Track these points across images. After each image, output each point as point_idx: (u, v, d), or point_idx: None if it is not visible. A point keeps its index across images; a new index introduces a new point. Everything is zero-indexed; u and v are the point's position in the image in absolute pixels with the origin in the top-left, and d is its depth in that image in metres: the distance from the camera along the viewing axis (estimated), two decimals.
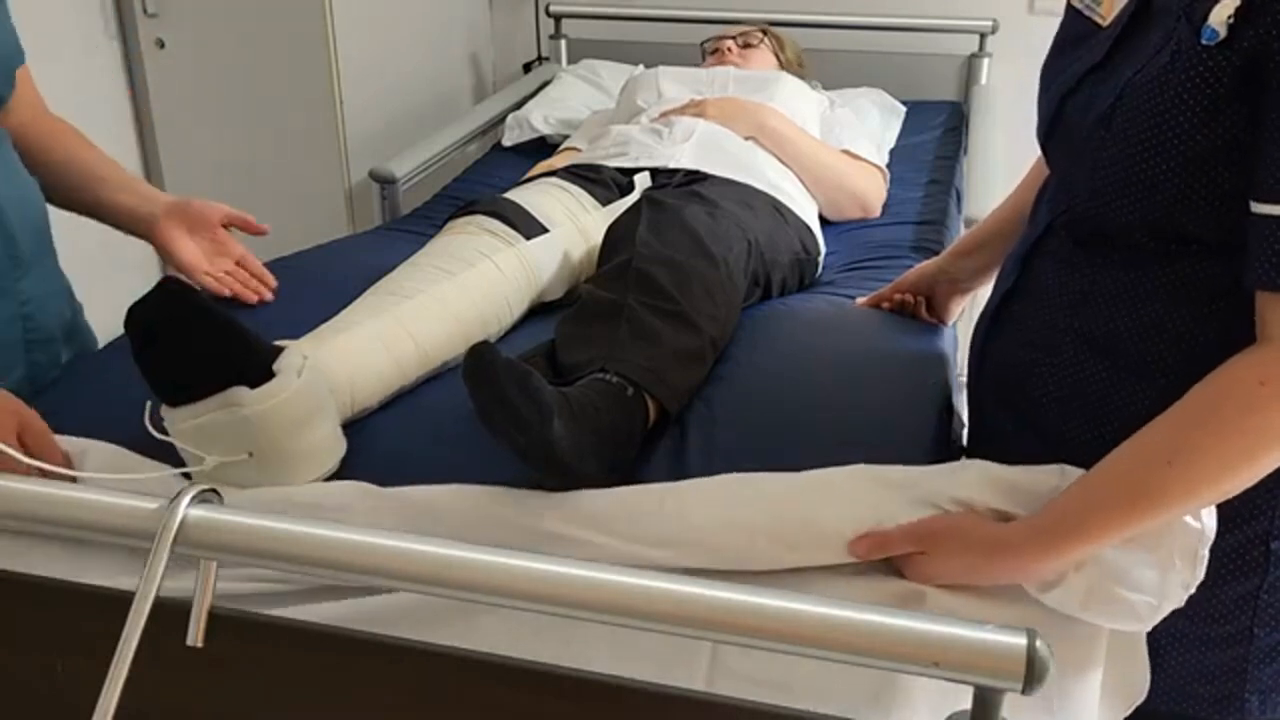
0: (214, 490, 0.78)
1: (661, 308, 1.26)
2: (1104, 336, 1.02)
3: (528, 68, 3.21)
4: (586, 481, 1.07)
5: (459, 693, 0.86)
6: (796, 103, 2.24)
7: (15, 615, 0.93)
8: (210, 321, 1.06)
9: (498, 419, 1.01)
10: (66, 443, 1.14)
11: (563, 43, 3.11)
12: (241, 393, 1.06)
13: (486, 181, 2.45)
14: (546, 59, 3.19)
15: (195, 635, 0.73)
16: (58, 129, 1.47)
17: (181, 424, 1.08)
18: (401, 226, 2.15)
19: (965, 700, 0.70)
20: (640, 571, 0.73)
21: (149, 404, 1.10)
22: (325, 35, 2.54)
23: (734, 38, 2.57)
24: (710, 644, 0.95)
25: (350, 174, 2.66)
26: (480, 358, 1.00)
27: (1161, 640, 1.02)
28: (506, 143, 2.68)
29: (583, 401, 1.10)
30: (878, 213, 2.13)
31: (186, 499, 0.75)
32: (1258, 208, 0.88)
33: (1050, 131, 1.08)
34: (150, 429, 1.09)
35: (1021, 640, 0.65)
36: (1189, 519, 0.95)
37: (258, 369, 1.08)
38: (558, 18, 3.10)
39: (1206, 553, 0.95)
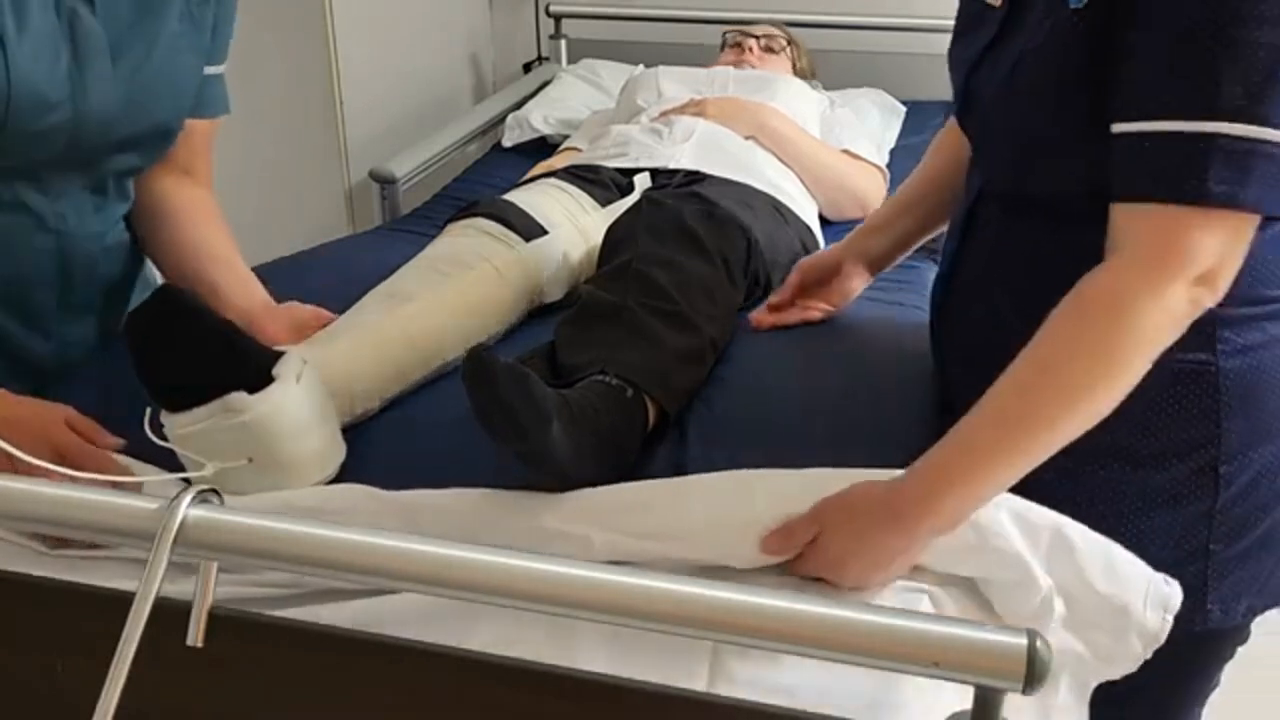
0: (214, 490, 0.77)
1: (661, 308, 1.26)
2: (1045, 304, 1.04)
3: (528, 68, 3.21)
4: (585, 484, 1.07)
5: (459, 693, 0.86)
6: (797, 103, 2.24)
7: (15, 615, 0.93)
8: (209, 327, 1.06)
9: (496, 422, 1.01)
10: None
11: (563, 43, 3.11)
12: (240, 398, 1.06)
13: (486, 181, 2.45)
14: (546, 59, 3.19)
15: (195, 635, 0.73)
16: (192, 207, 1.40)
17: (180, 430, 1.08)
18: (401, 226, 2.16)
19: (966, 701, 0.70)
20: (640, 571, 0.73)
21: (149, 410, 1.10)
22: (325, 35, 2.54)
23: (758, 38, 2.56)
24: (709, 658, 0.95)
25: (350, 174, 2.65)
26: (479, 361, 1.00)
27: None
28: (506, 143, 2.68)
29: (582, 404, 1.09)
30: None
31: (186, 499, 0.74)
32: (1117, 128, 0.93)
33: (964, 108, 1.14)
34: (150, 434, 1.08)
35: (1022, 640, 0.65)
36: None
37: (256, 374, 1.08)
38: (558, 18, 3.10)
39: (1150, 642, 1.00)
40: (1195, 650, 1.17)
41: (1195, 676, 1.22)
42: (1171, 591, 1.00)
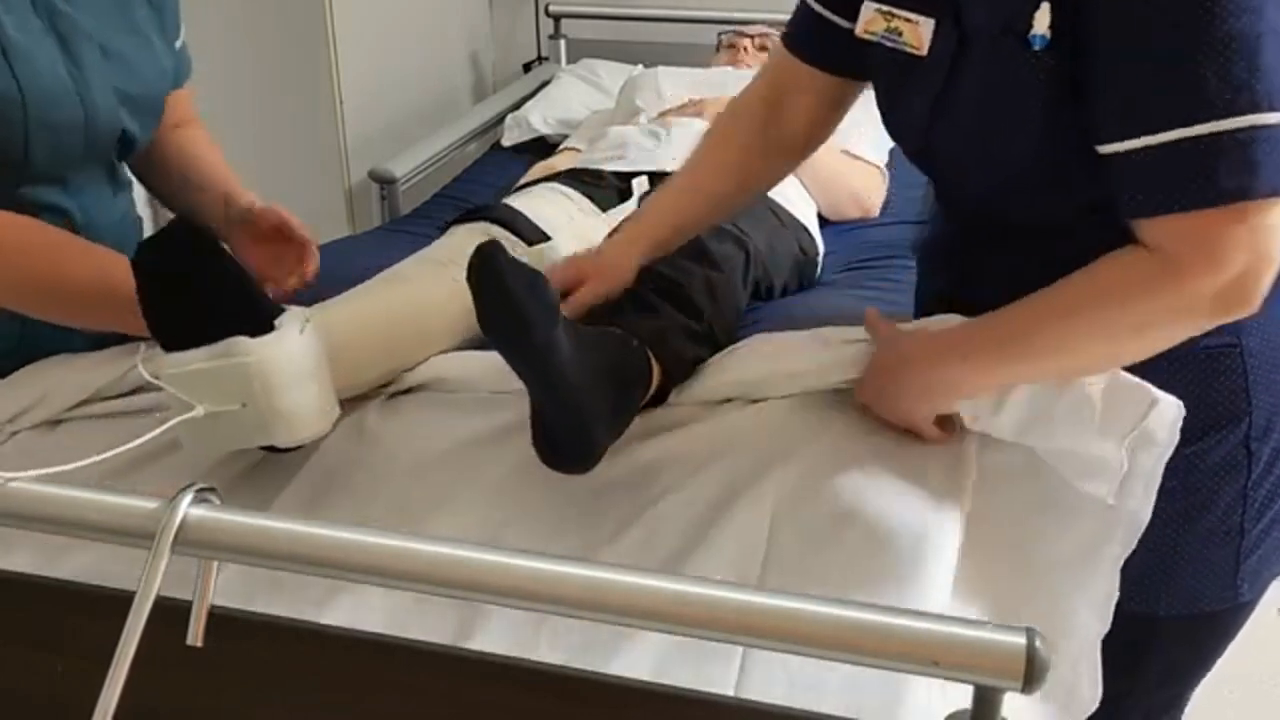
0: (213, 490, 0.78)
1: (664, 290, 1.26)
2: None
3: (528, 68, 3.21)
4: (587, 412, 1.03)
5: (459, 693, 0.86)
6: None
7: (15, 615, 0.93)
8: (219, 269, 1.05)
9: (501, 317, 0.97)
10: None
11: (562, 43, 3.11)
12: (243, 342, 1.04)
13: (486, 181, 2.45)
14: (546, 59, 3.19)
15: (195, 635, 0.73)
16: (182, 145, 1.45)
17: (176, 368, 1.06)
18: (401, 226, 2.16)
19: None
20: (641, 571, 0.73)
21: (143, 345, 1.09)
22: (325, 35, 2.54)
23: (752, 38, 2.56)
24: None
25: (350, 174, 2.66)
26: (487, 254, 0.96)
27: (1169, 555, 1.11)
28: (506, 143, 2.68)
29: (589, 332, 1.08)
30: (877, 213, 2.13)
31: (186, 499, 0.75)
32: (1112, 148, 0.94)
33: (928, 164, 1.16)
34: (143, 372, 1.07)
35: (1021, 640, 0.65)
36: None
37: (260, 322, 1.07)
38: (557, 18, 3.10)
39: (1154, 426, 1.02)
40: (1215, 626, 1.20)
41: (1209, 650, 1.25)
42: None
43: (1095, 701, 0.98)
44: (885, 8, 1.07)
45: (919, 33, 1.05)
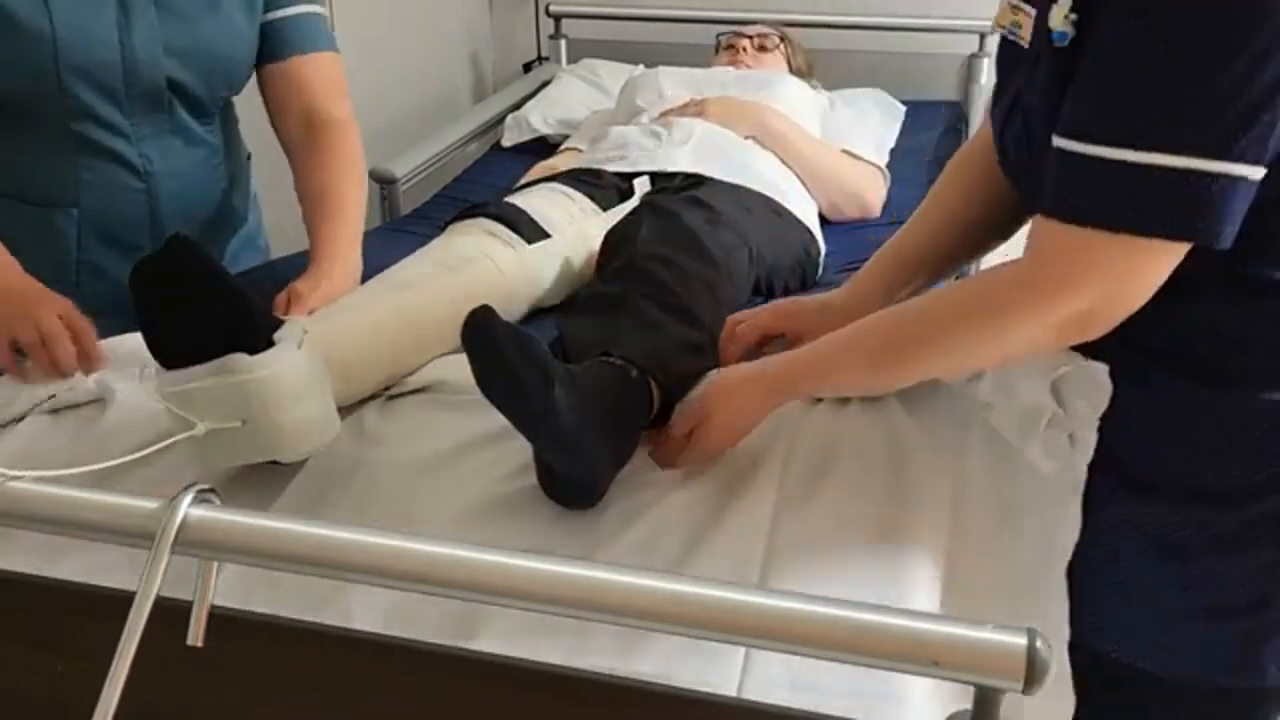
0: (213, 490, 0.78)
1: (663, 300, 1.25)
2: (1159, 344, 1.02)
3: (528, 68, 3.21)
4: (591, 461, 1.05)
5: (459, 693, 0.86)
6: (797, 103, 2.24)
7: (15, 615, 0.93)
8: (215, 286, 1.05)
9: (497, 381, 0.98)
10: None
11: (562, 43, 3.11)
12: (241, 359, 1.04)
13: (486, 181, 2.45)
14: (546, 59, 3.19)
15: (195, 635, 0.73)
16: (318, 157, 1.54)
17: (176, 387, 1.06)
18: (401, 226, 2.16)
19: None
20: (640, 571, 0.73)
21: (143, 368, 1.09)
22: None
23: (750, 38, 2.56)
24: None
25: None
26: (479, 322, 0.98)
27: (1180, 614, 1.04)
28: (506, 143, 2.68)
29: (586, 376, 1.08)
30: (877, 213, 2.13)
31: (187, 499, 0.75)
32: (1056, 141, 0.93)
33: (1001, 158, 1.12)
34: (141, 390, 1.07)
35: (1022, 640, 0.65)
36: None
37: (258, 338, 1.07)
38: (558, 18, 3.10)
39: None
40: (1242, 707, 1.12)
41: None
42: None
43: None
44: (1014, 0, 1.06)
45: (1028, 25, 1.03)
